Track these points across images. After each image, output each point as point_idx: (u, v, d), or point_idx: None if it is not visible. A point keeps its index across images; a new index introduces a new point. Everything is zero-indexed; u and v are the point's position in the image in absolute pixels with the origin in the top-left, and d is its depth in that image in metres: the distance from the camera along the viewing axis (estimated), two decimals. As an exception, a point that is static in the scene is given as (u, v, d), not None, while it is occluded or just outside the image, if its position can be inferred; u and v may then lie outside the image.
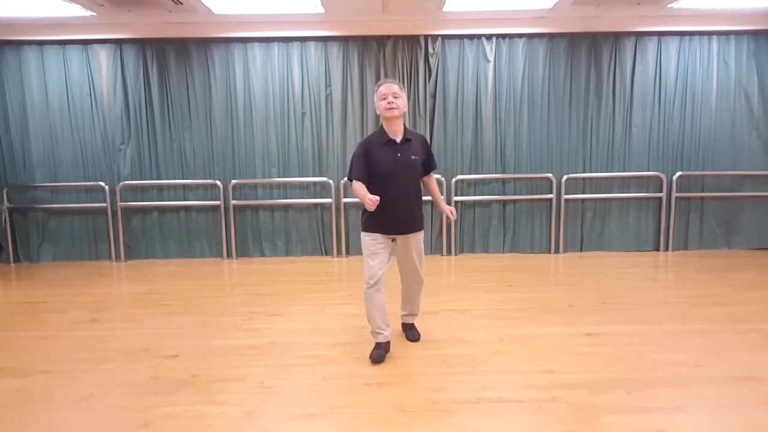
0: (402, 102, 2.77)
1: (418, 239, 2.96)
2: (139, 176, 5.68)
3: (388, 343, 2.99)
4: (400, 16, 5.24)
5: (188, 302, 4.12)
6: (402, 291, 3.15)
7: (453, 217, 2.96)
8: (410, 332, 3.24)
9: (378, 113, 2.83)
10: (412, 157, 2.81)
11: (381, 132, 2.84)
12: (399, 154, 2.79)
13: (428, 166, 2.99)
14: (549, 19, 5.35)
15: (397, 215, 2.83)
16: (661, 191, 5.70)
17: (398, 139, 2.81)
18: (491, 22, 5.36)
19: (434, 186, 3.12)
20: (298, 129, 5.64)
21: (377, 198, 2.57)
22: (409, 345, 3.11)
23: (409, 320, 3.27)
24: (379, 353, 2.89)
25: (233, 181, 5.66)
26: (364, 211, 2.82)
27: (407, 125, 5.64)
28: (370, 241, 2.86)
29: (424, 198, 5.54)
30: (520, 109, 5.60)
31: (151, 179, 5.68)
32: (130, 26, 5.33)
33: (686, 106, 5.60)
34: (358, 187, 2.75)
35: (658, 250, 5.80)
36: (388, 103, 2.73)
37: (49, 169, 5.64)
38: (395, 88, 2.76)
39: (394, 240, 2.92)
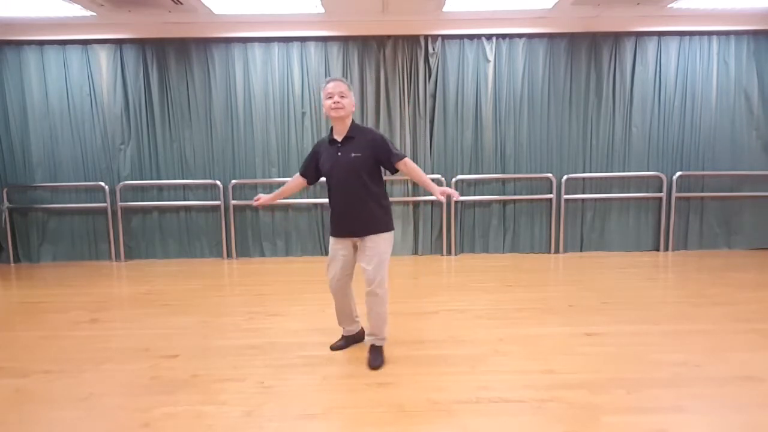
0: (348, 102, 2.69)
1: (370, 244, 2.74)
2: (139, 176, 5.68)
3: (352, 337, 3.12)
4: (400, 16, 5.24)
5: (188, 302, 4.12)
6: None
7: (454, 196, 2.69)
8: (370, 355, 2.85)
9: (324, 111, 2.75)
10: (352, 155, 2.69)
11: (331, 131, 2.80)
12: (339, 153, 2.72)
13: (386, 159, 2.73)
14: (549, 19, 5.35)
15: (341, 216, 2.79)
16: (661, 191, 5.70)
17: (340, 138, 2.74)
18: (491, 22, 5.36)
19: (415, 173, 2.76)
20: (298, 129, 5.64)
21: (258, 198, 2.97)
22: (409, 345, 3.09)
23: (371, 341, 2.90)
24: (339, 343, 3.11)
25: (233, 181, 5.66)
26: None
27: (408, 126, 5.48)
28: (330, 245, 2.94)
29: (428, 198, 5.62)
30: (520, 109, 5.60)
31: (151, 179, 5.68)
32: (130, 26, 5.33)
33: (686, 106, 5.60)
34: (288, 181, 3.05)
35: (658, 250, 5.80)
36: (334, 102, 2.65)
37: (49, 169, 5.64)
38: (343, 87, 2.67)
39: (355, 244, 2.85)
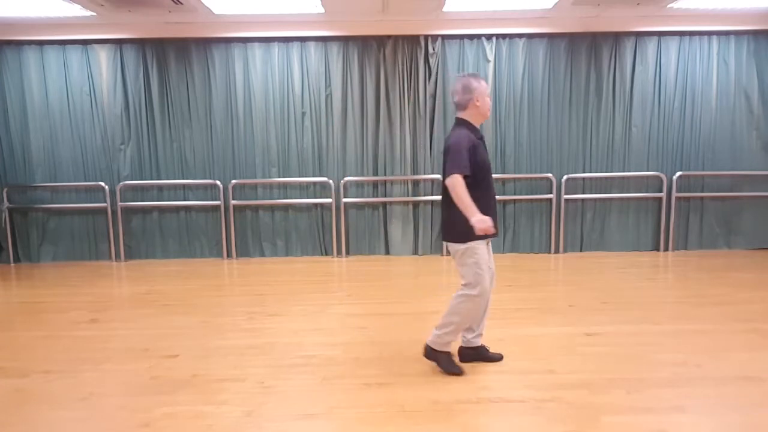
0: None
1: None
2: (139, 176, 5.68)
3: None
4: (400, 16, 5.24)
5: (188, 302, 4.12)
6: None
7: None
8: (490, 352, 2.87)
9: (479, 107, 2.64)
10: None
11: (472, 128, 2.66)
12: (486, 151, 2.73)
13: None
14: (549, 19, 5.35)
15: (496, 215, 2.69)
16: (661, 191, 5.70)
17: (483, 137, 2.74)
18: (491, 22, 5.36)
19: None
20: (298, 129, 5.64)
21: (492, 228, 2.45)
22: (409, 345, 3.09)
23: (480, 341, 2.87)
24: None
25: (233, 181, 5.66)
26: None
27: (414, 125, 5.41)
28: (481, 250, 2.63)
29: (427, 198, 5.61)
30: (520, 109, 5.60)
31: (151, 179, 5.68)
32: (130, 26, 5.33)
33: (686, 106, 5.60)
34: (464, 188, 2.51)
35: (658, 250, 5.79)
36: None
37: (49, 169, 5.64)
38: None
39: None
